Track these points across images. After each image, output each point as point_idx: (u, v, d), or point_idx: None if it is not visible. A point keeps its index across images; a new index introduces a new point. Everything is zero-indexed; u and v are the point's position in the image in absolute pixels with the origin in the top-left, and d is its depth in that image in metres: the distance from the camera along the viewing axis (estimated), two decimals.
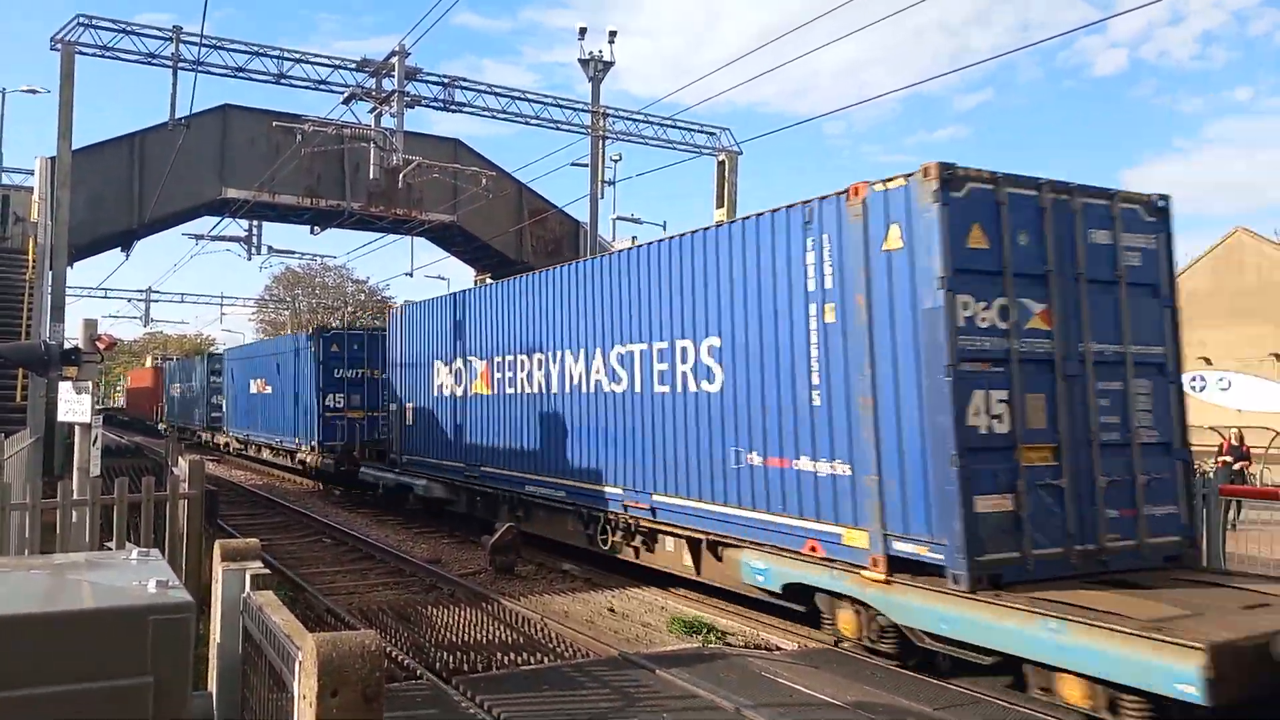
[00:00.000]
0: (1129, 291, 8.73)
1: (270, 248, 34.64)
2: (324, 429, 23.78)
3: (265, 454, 30.90)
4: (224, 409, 36.44)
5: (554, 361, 13.79)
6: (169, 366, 53.65)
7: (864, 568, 8.40)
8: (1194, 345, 18.47)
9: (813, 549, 9.07)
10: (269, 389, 29.12)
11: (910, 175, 8.06)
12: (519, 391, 14.68)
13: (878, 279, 8.29)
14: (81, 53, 21.95)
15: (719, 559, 10.58)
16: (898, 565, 8.13)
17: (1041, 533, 7.88)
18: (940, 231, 7.72)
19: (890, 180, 8.26)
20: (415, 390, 18.50)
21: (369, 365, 24.05)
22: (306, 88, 24.61)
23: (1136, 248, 8.83)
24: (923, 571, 7.95)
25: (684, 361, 11.01)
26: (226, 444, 36.22)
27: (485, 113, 26.72)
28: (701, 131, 28.91)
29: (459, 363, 16.81)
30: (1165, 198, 9.09)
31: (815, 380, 9.06)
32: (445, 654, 9.08)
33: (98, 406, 9.54)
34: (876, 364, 8.30)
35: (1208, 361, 29.86)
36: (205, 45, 23.05)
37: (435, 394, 17.61)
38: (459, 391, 16.75)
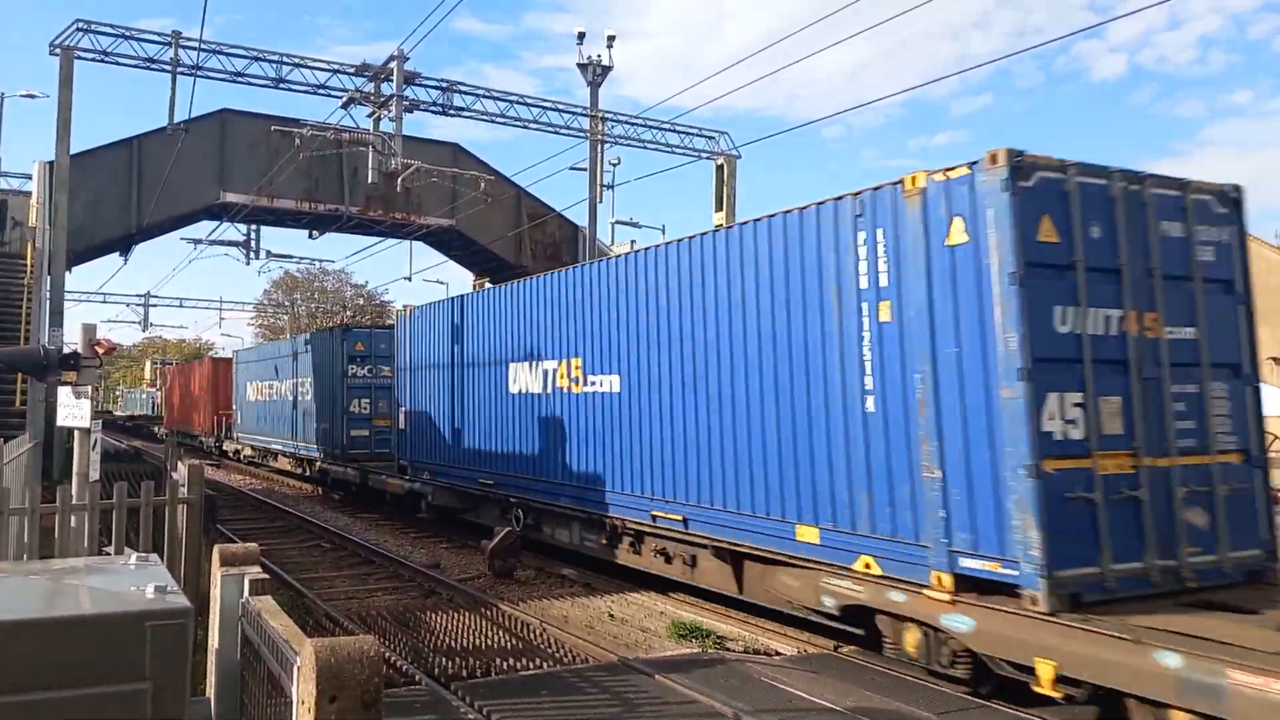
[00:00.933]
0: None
1: (269, 252, 34.71)
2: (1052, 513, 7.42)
3: (648, 559, 12.01)
4: (403, 425, 18.81)
5: None
6: (244, 356, 35.39)
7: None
8: None
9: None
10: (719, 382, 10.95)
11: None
12: None
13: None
14: (80, 58, 22.00)
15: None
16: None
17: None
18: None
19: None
20: None
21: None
22: (305, 92, 24.71)
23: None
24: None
25: None
26: (422, 495, 17.74)
27: (484, 117, 26.79)
28: (700, 135, 28.96)
29: None
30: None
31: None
32: (444, 659, 9.06)
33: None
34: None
35: None
36: (204, 50, 23.11)
37: None
38: None
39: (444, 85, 25.89)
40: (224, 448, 36.43)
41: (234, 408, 34.76)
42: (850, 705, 7.43)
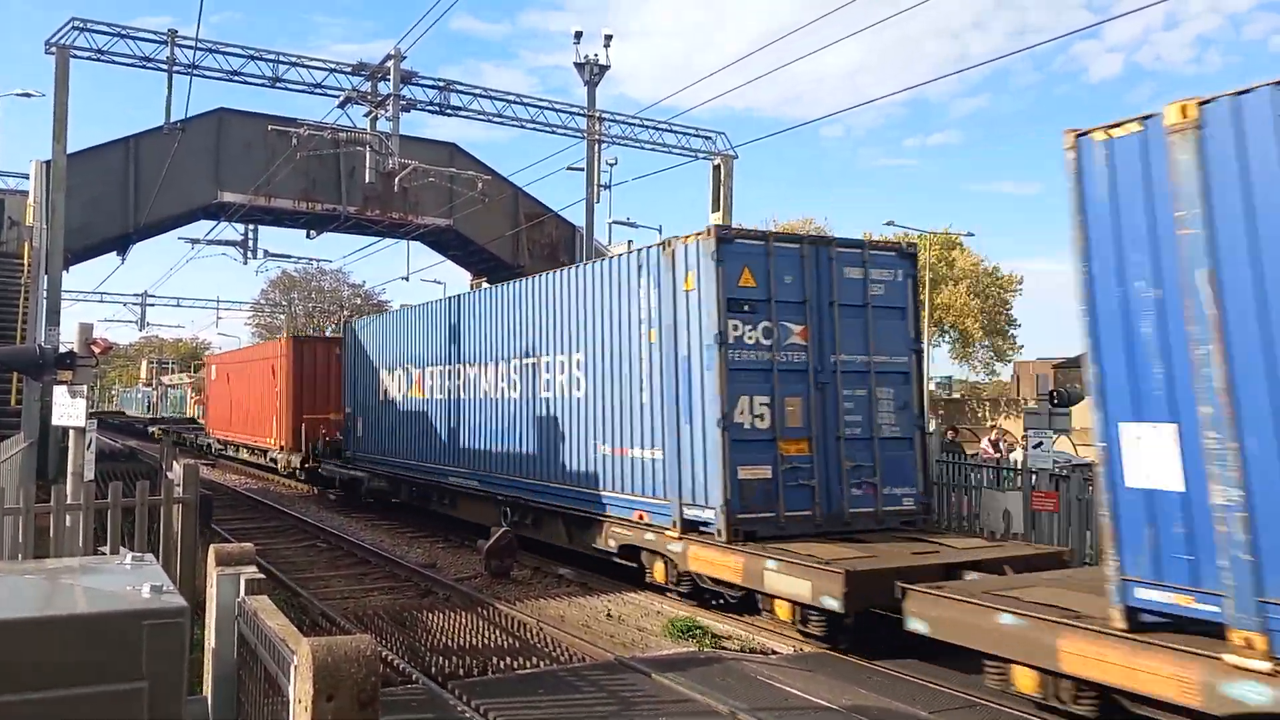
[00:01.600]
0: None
1: (266, 251, 34.67)
2: None
3: None
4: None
5: None
6: (395, 319, 20.55)
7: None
8: None
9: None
10: None
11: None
12: None
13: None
14: (76, 56, 21.95)
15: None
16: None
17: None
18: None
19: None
20: None
21: None
22: (302, 91, 24.68)
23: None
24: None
25: None
26: None
27: (481, 116, 26.77)
28: (697, 135, 28.96)
29: None
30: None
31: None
32: (440, 658, 9.06)
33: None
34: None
35: None
36: (200, 49, 23.07)
37: None
38: None
39: (441, 85, 25.87)
40: (320, 471, 23.35)
41: (347, 410, 22.52)
42: (846, 704, 7.46)
